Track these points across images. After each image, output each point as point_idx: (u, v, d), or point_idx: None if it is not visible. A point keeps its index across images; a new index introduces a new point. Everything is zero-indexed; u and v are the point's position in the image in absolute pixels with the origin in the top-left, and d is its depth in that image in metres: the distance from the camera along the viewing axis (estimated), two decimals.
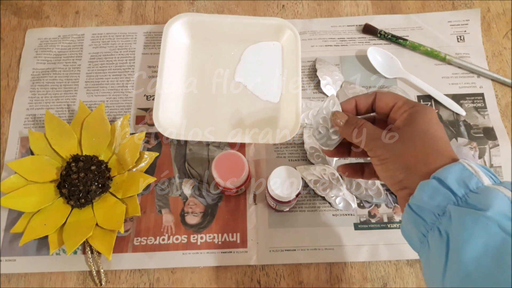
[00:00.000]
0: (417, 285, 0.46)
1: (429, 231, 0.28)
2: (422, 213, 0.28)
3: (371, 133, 0.33)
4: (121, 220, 0.45)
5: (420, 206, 0.28)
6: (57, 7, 0.59)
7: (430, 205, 0.28)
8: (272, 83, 0.53)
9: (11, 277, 0.47)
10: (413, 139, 0.30)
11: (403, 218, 0.31)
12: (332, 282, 0.46)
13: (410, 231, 0.30)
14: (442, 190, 0.27)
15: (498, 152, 0.51)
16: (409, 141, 0.30)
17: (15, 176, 0.48)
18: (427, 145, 0.30)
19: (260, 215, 0.48)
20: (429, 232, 0.28)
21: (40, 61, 0.56)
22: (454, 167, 0.28)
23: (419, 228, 0.29)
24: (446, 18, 0.58)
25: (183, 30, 0.54)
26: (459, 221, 0.26)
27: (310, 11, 0.59)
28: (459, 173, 0.27)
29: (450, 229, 0.26)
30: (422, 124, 0.31)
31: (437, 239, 0.27)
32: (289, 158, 0.51)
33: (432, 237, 0.28)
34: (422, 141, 0.30)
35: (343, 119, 0.35)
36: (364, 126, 0.34)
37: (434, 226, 0.28)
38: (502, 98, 0.54)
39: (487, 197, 0.25)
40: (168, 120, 0.49)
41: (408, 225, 0.30)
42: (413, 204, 0.29)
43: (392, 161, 0.31)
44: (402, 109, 0.33)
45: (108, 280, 0.46)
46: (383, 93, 0.35)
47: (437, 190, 0.27)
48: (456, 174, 0.27)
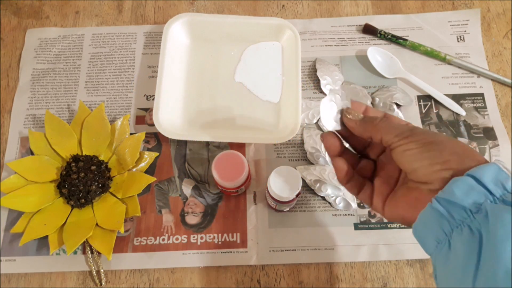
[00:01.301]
0: (417, 285, 0.46)
1: (453, 230, 0.26)
2: (451, 209, 0.26)
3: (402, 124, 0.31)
4: (121, 220, 0.45)
5: (451, 201, 0.26)
6: (57, 7, 0.59)
7: (464, 201, 0.26)
8: (272, 83, 0.53)
9: (11, 277, 0.47)
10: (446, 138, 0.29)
11: (421, 215, 0.28)
12: (332, 282, 0.46)
13: (425, 230, 0.29)
14: (478, 188, 0.26)
15: (498, 152, 0.51)
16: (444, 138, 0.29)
17: (15, 176, 0.48)
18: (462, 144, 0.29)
19: (260, 215, 0.48)
20: (453, 231, 0.26)
21: (40, 61, 0.56)
22: (490, 167, 0.26)
23: (442, 225, 0.27)
24: (446, 18, 0.58)
25: (183, 30, 0.54)
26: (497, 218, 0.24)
27: (310, 11, 0.59)
28: (495, 173, 0.26)
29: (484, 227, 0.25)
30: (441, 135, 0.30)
31: (466, 237, 0.25)
32: (289, 158, 0.51)
33: (459, 236, 0.26)
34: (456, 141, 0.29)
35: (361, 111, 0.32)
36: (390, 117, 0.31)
37: (464, 224, 0.26)
38: (502, 98, 0.54)
39: None
40: (168, 120, 0.49)
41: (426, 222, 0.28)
42: (442, 199, 0.27)
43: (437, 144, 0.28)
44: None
45: (108, 280, 0.46)
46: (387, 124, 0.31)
47: (473, 188, 0.26)
48: (492, 174, 0.26)
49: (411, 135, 0.29)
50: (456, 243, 0.26)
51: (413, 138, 0.29)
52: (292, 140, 0.52)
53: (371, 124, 0.31)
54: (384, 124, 0.31)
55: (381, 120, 0.31)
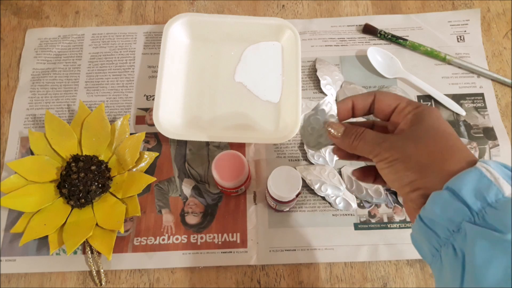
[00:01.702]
0: (417, 285, 0.46)
1: (442, 247, 0.25)
2: (435, 227, 0.25)
3: (375, 138, 0.30)
4: (121, 220, 0.45)
5: (433, 220, 0.25)
6: (57, 7, 0.59)
7: (443, 220, 0.25)
8: (272, 83, 0.53)
9: (11, 277, 0.47)
10: (424, 137, 0.28)
11: (413, 227, 0.28)
12: (332, 282, 0.46)
13: (421, 243, 0.28)
14: (455, 203, 0.24)
15: (498, 152, 0.51)
16: (420, 139, 0.28)
17: (15, 176, 0.48)
18: (440, 142, 0.27)
19: (260, 215, 0.48)
20: (442, 248, 0.25)
21: (40, 61, 0.56)
22: (470, 174, 0.24)
23: (431, 242, 0.26)
24: (446, 18, 0.58)
25: (183, 30, 0.54)
26: (474, 243, 0.23)
27: (310, 11, 0.59)
28: (475, 182, 0.24)
29: (466, 249, 0.23)
30: (431, 121, 0.28)
31: (452, 257, 0.24)
32: (289, 158, 0.51)
33: (446, 253, 0.25)
34: (434, 138, 0.27)
35: (340, 130, 0.32)
36: (365, 133, 0.30)
37: (448, 242, 0.25)
38: (502, 98, 0.54)
39: (507, 214, 0.22)
40: (168, 120, 0.49)
41: (419, 236, 0.27)
42: (425, 217, 0.26)
43: (402, 161, 0.28)
44: (406, 111, 0.30)
45: (108, 280, 0.46)
46: (383, 94, 0.32)
47: (450, 203, 0.24)
48: (472, 184, 0.24)
49: (381, 152, 0.29)
50: (445, 260, 0.25)
51: (382, 155, 0.29)
52: (292, 140, 0.52)
53: (348, 143, 0.31)
54: (357, 143, 0.30)
55: (354, 138, 0.31)
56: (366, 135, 0.30)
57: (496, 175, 0.24)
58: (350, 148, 0.31)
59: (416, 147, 0.27)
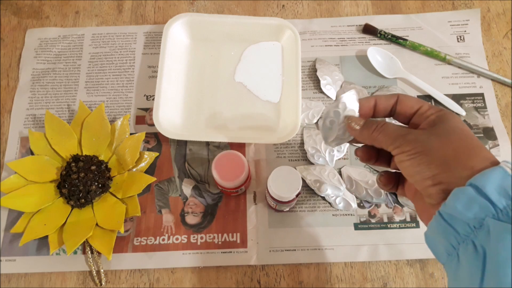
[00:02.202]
0: (417, 285, 0.46)
1: (460, 244, 0.25)
2: (455, 223, 0.25)
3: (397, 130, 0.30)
4: (121, 220, 0.45)
5: (453, 216, 0.25)
6: (57, 7, 0.59)
7: (465, 216, 0.24)
8: (272, 83, 0.53)
9: (11, 277, 0.47)
10: (448, 135, 0.28)
11: (430, 225, 0.27)
12: (332, 282, 0.46)
13: (436, 241, 0.27)
14: (479, 200, 0.24)
15: (498, 152, 0.51)
16: (444, 136, 0.28)
17: (15, 176, 0.48)
18: (465, 140, 0.27)
19: (260, 215, 0.48)
20: (460, 245, 0.25)
21: (40, 61, 0.56)
22: (494, 172, 0.24)
23: (449, 239, 0.26)
24: (446, 18, 0.58)
25: (183, 30, 0.54)
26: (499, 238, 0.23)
27: (310, 11, 0.59)
28: (500, 180, 0.24)
29: (488, 245, 0.23)
30: (455, 123, 0.28)
31: (471, 254, 0.24)
32: (289, 158, 0.51)
33: (465, 251, 0.25)
34: (459, 136, 0.27)
35: (360, 123, 0.31)
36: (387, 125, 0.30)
37: (468, 239, 0.25)
38: (502, 98, 0.54)
39: None
40: (168, 120, 0.49)
41: (435, 234, 0.27)
42: (445, 213, 0.26)
43: (426, 154, 0.27)
44: (428, 113, 0.30)
45: (108, 280, 0.46)
46: (406, 96, 0.32)
47: (474, 200, 0.24)
48: (496, 182, 0.24)
49: (403, 144, 0.29)
50: (463, 258, 0.25)
51: (404, 147, 0.28)
52: (292, 140, 0.52)
53: (368, 133, 0.31)
54: (378, 134, 0.30)
55: (375, 129, 0.31)
56: (387, 127, 0.30)
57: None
58: (370, 140, 0.31)
59: (441, 142, 0.27)
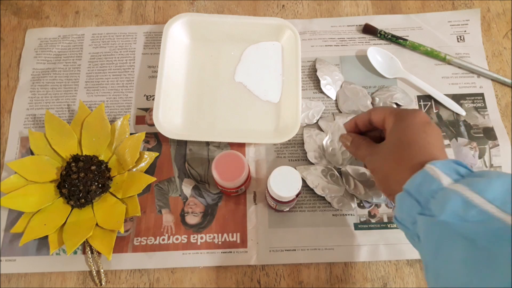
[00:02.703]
0: (417, 285, 0.46)
1: (414, 238, 0.31)
2: (404, 223, 0.31)
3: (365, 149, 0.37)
4: (121, 220, 0.45)
5: (401, 217, 0.31)
6: (57, 7, 0.59)
7: (405, 216, 0.31)
8: (272, 83, 0.53)
9: (11, 277, 0.47)
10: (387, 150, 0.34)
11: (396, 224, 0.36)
12: (332, 282, 0.46)
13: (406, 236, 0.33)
14: (408, 200, 0.30)
15: (498, 152, 0.51)
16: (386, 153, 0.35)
17: (15, 176, 0.48)
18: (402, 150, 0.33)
19: (260, 215, 0.48)
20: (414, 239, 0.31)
21: (40, 61, 0.56)
22: (418, 175, 0.30)
23: (407, 235, 0.33)
24: (446, 18, 0.58)
25: (183, 30, 0.54)
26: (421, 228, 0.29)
27: (310, 11, 0.59)
28: (420, 179, 0.29)
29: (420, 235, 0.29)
30: (398, 132, 0.34)
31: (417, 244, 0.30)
32: (289, 158, 0.51)
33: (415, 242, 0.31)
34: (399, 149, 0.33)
35: (349, 139, 0.40)
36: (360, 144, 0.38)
37: (414, 234, 0.30)
38: (502, 98, 0.54)
39: (442, 201, 0.27)
40: (168, 120, 0.49)
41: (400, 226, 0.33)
42: (397, 216, 0.32)
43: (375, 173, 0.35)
44: (389, 120, 0.35)
45: (108, 280, 0.46)
46: (375, 109, 0.38)
47: (405, 201, 0.30)
48: (417, 182, 0.29)
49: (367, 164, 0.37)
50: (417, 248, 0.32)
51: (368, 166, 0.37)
52: (292, 140, 0.52)
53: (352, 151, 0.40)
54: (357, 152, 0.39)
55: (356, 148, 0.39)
56: (360, 146, 0.38)
57: (438, 172, 0.29)
58: (355, 156, 0.40)
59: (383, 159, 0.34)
